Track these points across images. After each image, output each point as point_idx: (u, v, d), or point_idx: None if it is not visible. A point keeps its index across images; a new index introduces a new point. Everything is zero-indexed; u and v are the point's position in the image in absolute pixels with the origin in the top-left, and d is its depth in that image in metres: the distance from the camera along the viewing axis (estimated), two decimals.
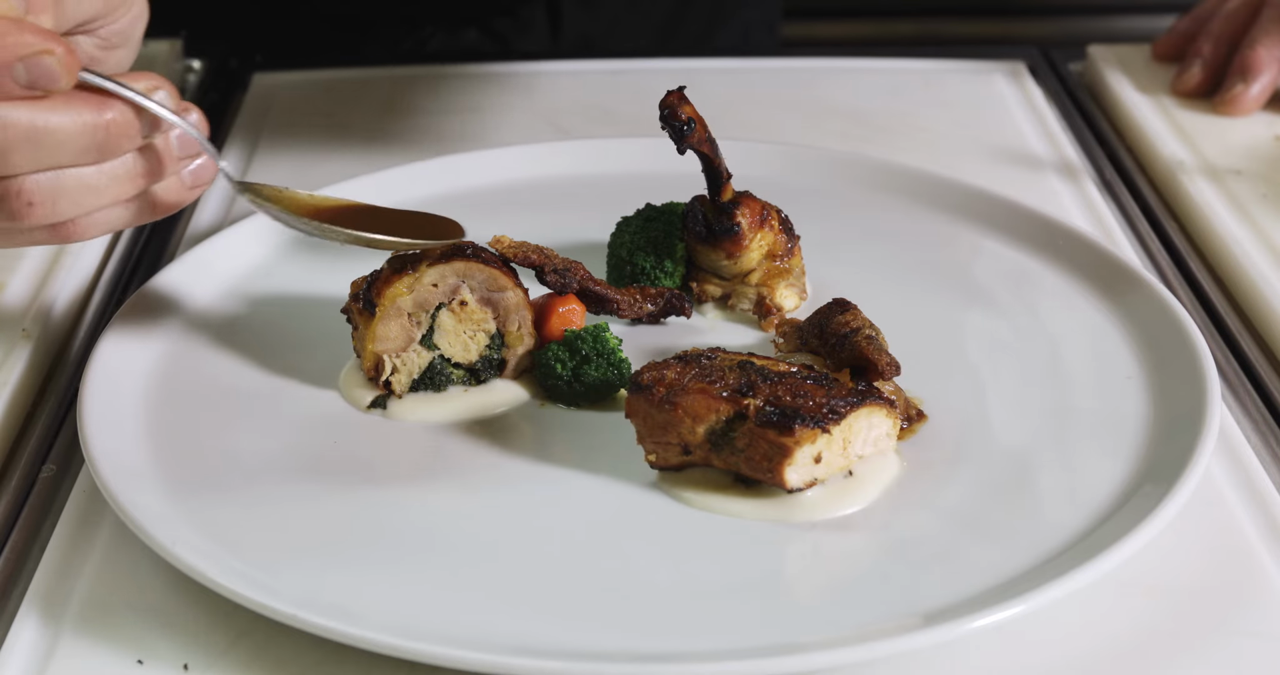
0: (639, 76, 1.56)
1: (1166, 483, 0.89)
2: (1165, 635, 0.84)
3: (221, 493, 0.93)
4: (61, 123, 0.84)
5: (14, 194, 0.86)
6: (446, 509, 0.93)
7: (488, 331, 1.04)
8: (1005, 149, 1.43)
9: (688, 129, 1.06)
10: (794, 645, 0.80)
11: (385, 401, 1.02)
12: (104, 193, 0.89)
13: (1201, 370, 0.99)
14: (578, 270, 1.07)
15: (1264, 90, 1.43)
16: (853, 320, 1.00)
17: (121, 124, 0.87)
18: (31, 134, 0.84)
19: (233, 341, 1.08)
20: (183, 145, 0.92)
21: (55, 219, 0.89)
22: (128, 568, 0.89)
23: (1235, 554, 0.90)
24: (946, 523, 0.91)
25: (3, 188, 0.86)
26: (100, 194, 0.89)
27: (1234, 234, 1.23)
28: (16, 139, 0.83)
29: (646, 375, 0.93)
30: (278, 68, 1.61)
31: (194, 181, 0.95)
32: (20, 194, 0.86)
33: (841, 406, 0.90)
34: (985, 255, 1.20)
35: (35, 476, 1.00)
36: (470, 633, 0.81)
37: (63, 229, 0.91)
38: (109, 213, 0.92)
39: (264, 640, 0.83)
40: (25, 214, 0.87)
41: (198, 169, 0.95)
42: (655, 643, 0.82)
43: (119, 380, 1.01)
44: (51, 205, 0.88)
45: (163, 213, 0.95)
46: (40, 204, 0.87)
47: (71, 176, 0.88)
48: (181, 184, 0.95)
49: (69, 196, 0.88)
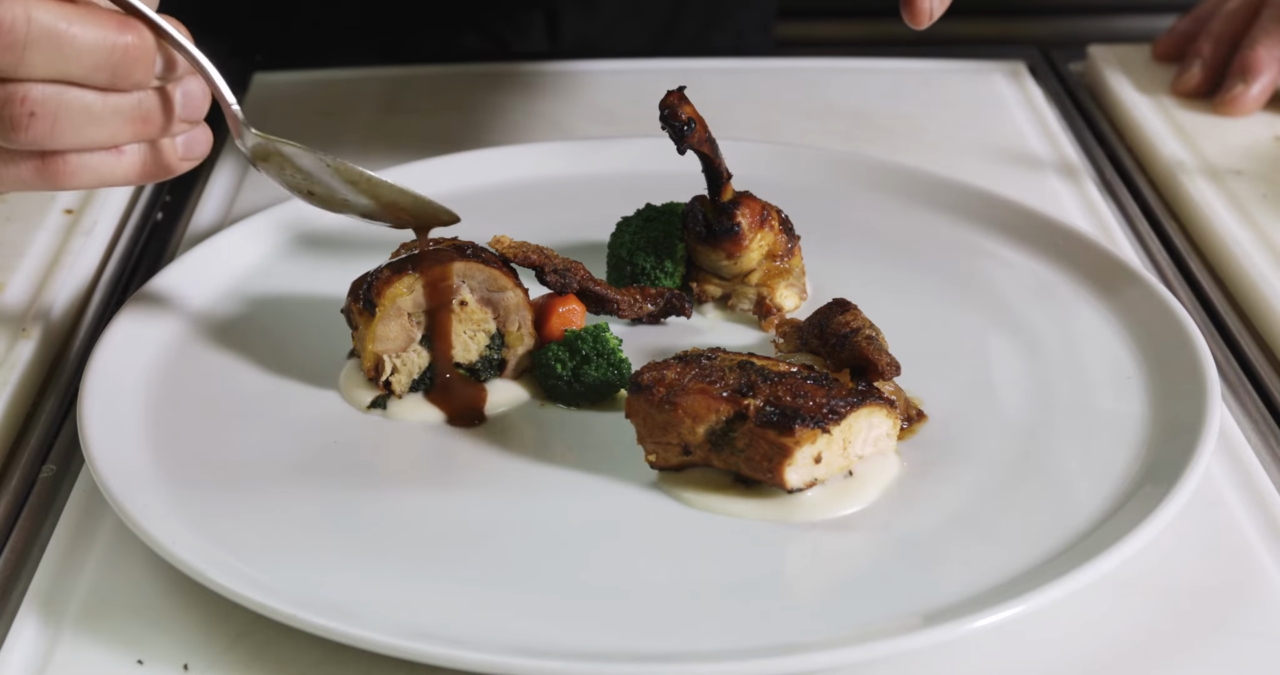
0: (638, 77, 1.56)
1: (1166, 483, 0.89)
2: (1165, 635, 0.84)
3: (221, 493, 0.93)
4: (84, 32, 0.82)
5: (18, 99, 0.83)
6: (446, 509, 0.93)
7: (488, 331, 1.04)
8: (1005, 149, 1.43)
9: (688, 129, 1.06)
10: (794, 645, 0.80)
11: (385, 401, 1.02)
12: (104, 125, 0.86)
13: (1201, 370, 0.99)
14: (578, 270, 1.07)
15: (1264, 90, 1.43)
16: (853, 320, 1.00)
17: (139, 49, 0.85)
18: (54, 35, 0.81)
19: (233, 341, 1.08)
20: (187, 104, 0.91)
21: (51, 142, 0.86)
22: (128, 568, 0.89)
23: (1235, 554, 0.90)
24: (946, 523, 0.91)
25: (8, 91, 0.83)
26: (100, 125, 0.86)
27: (1234, 234, 1.23)
28: (39, 37, 0.81)
29: (646, 375, 0.93)
30: (278, 68, 1.61)
31: (186, 152, 0.93)
32: (25, 101, 0.83)
33: (841, 406, 0.90)
34: (985, 255, 1.20)
35: (35, 476, 1.00)
36: (470, 633, 0.81)
37: (52, 164, 0.88)
38: (101, 158, 0.89)
39: (264, 640, 0.83)
40: (25, 124, 0.84)
41: (191, 140, 0.93)
42: (655, 643, 0.82)
43: (119, 380, 1.01)
44: (51, 122, 0.84)
45: (152, 177, 0.92)
46: (41, 116, 0.84)
47: (75, 96, 0.85)
48: (175, 151, 0.92)
49: (69, 117, 0.85)
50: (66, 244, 1.23)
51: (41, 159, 0.87)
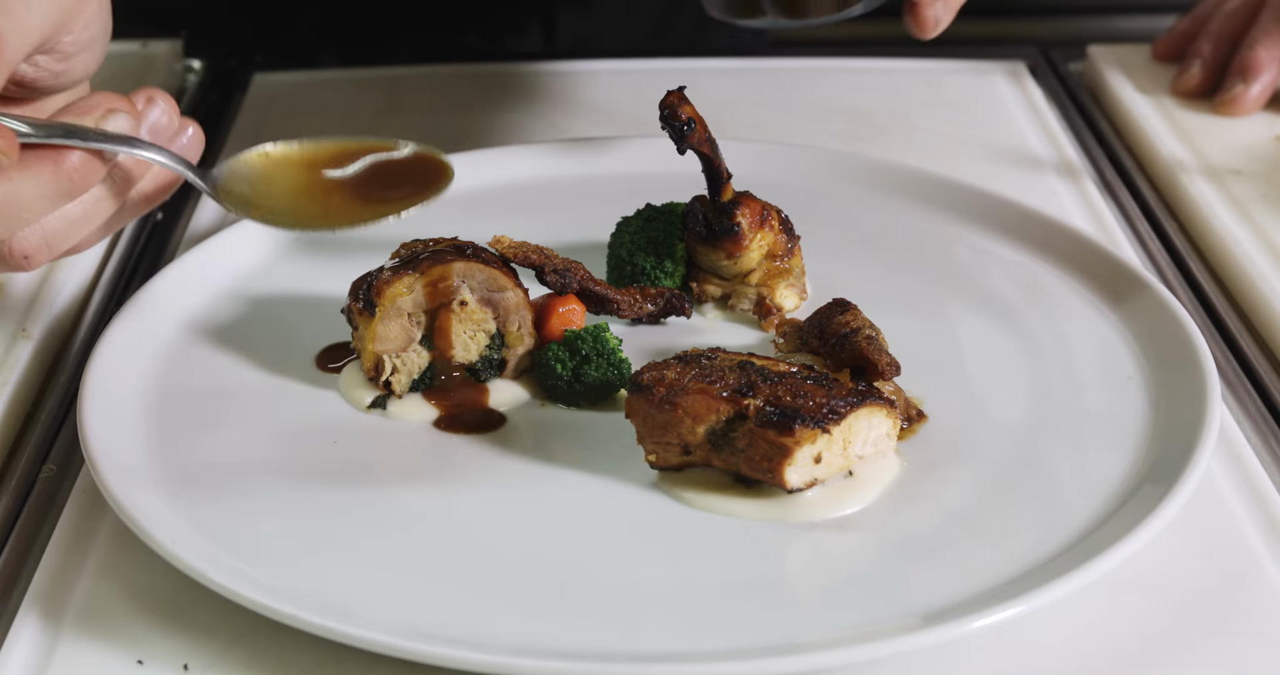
0: (638, 76, 1.56)
1: (1166, 483, 0.89)
2: (1165, 635, 0.84)
3: (221, 493, 0.93)
4: (25, 188, 0.85)
5: (6, 254, 0.89)
6: (446, 509, 0.93)
7: (488, 331, 1.04)
8: (1005, 149, 1.43)
9: (688, 129, 1.06)
10: (794, 645, 0.80)
11: (385, 401, 1.02)
12: (92, 218, 0.91)
13: (1201, 370, 0.99)
14: (578, 270, 1.07)
15: (1264, 90, 1.43)
16: (853, 320, 1.00)
17: (84, 165, 0.87)
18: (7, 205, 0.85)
19: (233, 341, 1.08)
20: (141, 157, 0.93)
21: (54, 257, 0.91)
22: (128, 568, 0.89)
23: (1235, 554, 0.90)
24: (946, 523, 0.91)
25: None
26: (89, 220, 0.91)
27: (1234, 234, 1.23)
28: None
29: (646, 375, 0.93)
30: (278, 68, 1.61)
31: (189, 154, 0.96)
32: (13, 253, 0.89)
33: (841, 406, 0.90)
34: (985, 255, 1.20)
35: (35, 476, 1.00)
36: (470, 633, 0.81)
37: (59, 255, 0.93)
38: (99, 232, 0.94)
39: (264, 640, 0.83)
40: (26, 265, 0.90)
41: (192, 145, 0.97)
42: (655, 643, 0.82)
43: (119, 380, 1.01)
44: (47, 250, 0.90)
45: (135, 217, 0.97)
46: (36, 252, 0.90)
47: (56, 219, 0.89)
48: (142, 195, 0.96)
49: (59, 236, 0.90)
50: None
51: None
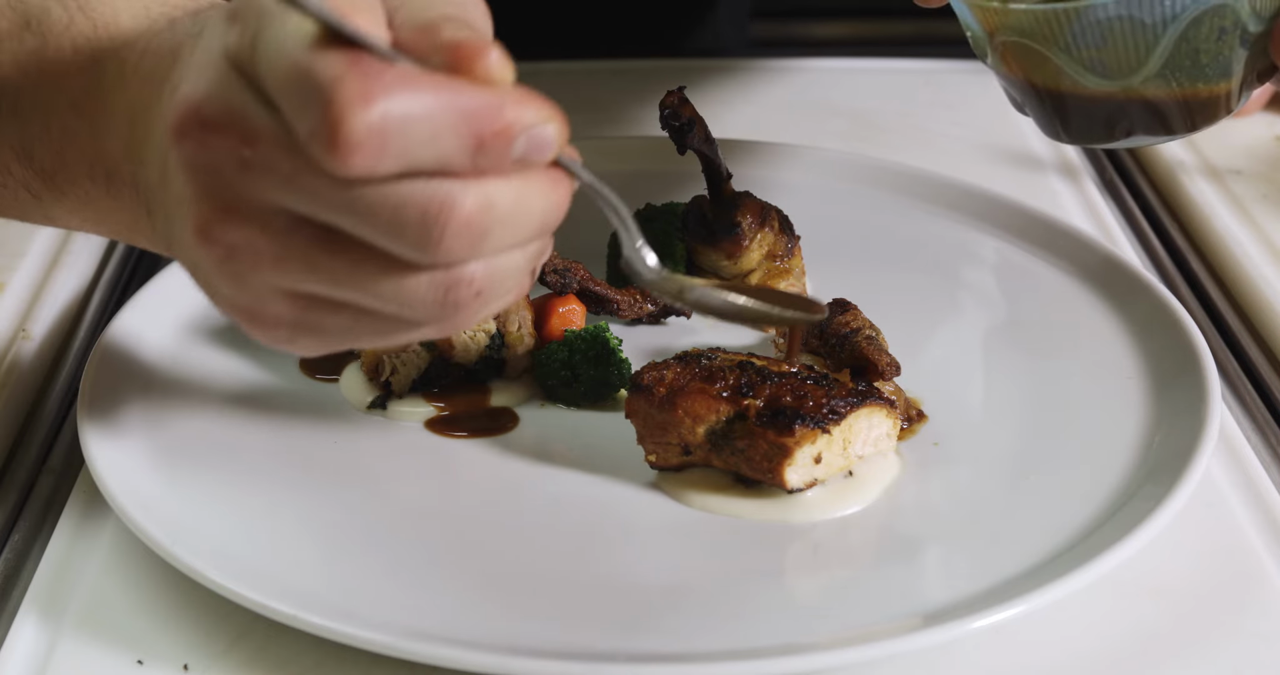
0: (638, 76, 1.56)
1: (1166, 483, 0.89)
2: (1165, 635, 0.84)
3: (222, 493, 0.93)
4: (534, 204, 0.71)
5: (465, 282, 0.71)
6: (446, 509, 0.93)
7: (488, 331, 1.04)
8: (1005, 149, 1.43)
9: (688, 129, 1.06)
10: (794, 645, 0.80)
11: (385, 401, 1.02)
12: (524, 276, 0.75)
13: (1201, 370, 0.99)
14: (578, 270, 1.07)
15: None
16: (853, 320, 1.00)
17: (566, 203, 0.74)
18: (511, 216, 0.70)
19: (233, 341, 1.08)
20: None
21: (490, 310, 0.74)
22: (128, 568, 0.89)
23: (1235, 554, 0.90)
24: (946, 523, 0.91)
25: (453, 276, 0.71)
26: (522, 278, 0.75)
27: (1234, 234, 1.23)
28: (497, 222, 0.69)
29: (646, 375, 0.93)
30: None
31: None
32: (472, 282, 0.71)
33: (841, 406, 0.90)
34: (985, 255, 1.20)
35: (35, 476, 1.00)
36: (470, 633, 0.81)
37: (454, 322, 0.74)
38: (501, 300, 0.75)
39: (264, 640, 0.83)
40: (469, 304, 0.72)
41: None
42: (655, 643, 0.82)
43: (119, 380, 1.01)
44: (494, 294, 0.73)
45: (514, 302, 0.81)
46: (485, 292, 0.72)
47: (507, 261, 0.72)
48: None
49: (502, 284, 0.73)
50: (66, 244, 1.23)
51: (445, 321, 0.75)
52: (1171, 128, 0.96)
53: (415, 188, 0.67)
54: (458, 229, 0.68)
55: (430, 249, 0.68)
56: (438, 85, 0.66)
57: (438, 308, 0.72)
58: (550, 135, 0.71)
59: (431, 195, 0.67)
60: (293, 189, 0.68)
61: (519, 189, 0.70)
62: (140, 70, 0.79)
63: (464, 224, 0.68)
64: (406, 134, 0.66)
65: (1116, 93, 0.93)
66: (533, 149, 0.70)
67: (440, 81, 0.67)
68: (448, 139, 0.67)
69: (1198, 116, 0.95)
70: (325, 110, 0.64)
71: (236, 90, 0.69)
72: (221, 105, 0.69)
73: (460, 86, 0.67)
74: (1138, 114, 0.95)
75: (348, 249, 0.69)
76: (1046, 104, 0.97)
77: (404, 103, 0.65)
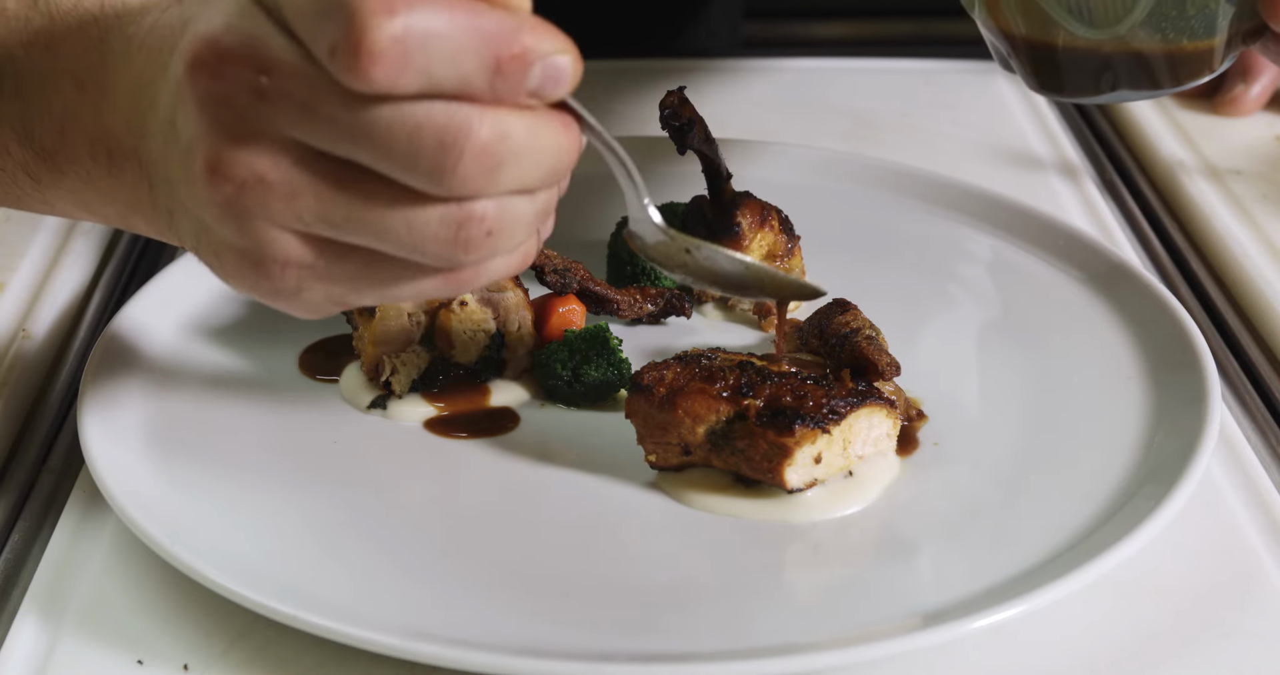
0: (637, 76, 1.56)
1: (1166, 483, 0.89)
2: (1165, 635, 0.84)
3: (221, 493, 0.93)
4: (546, 143, 0.71)
5: (476, 220, 0.71)
6: (446, 509, 0.93)
7: (488, 331, 1.04)
8: (1005, 149, 1.43)
9: (688, 129, 1.06)
10: (794, 645, 0.80)
11: (385, 401, 1.02)
12: (530, 226, 0.74)
13: (1201, 370, 0.99)
14: (578, 270, 1.07)
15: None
16: (853, 320, 1.00)
17: (577, 148, 0.73)
18: (525, 151, 0.70)
19: (233, 342, 1.08)
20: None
21: (497, 254, 0.74)
22: (128, 568, 0.89)
23: (1235, 554, 0.90)
24: (946, 523, 0.91)
25: (465, 211, 0.71)
26: (528, 228, 0.74)
27: (1234, 234, 1.23)
28: (511, 154, 0.70)
29: (646, 375, 0.93)
30: None
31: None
32: (483, 220, 0.71)
33: (841, 406, 0.90)
34: (985, 255, 1.20)
35: (35, 476, 1.00)
36: (470, 632, 0.81)
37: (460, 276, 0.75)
38: (500, 262, 0.76)
39: (264, 640, 0.83)
40: (480, 244, 0.72)
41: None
42: (655, 643, 0.82)
43: (119, 380, 1.01)
44: (504, 236, 0.72)
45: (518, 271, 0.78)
46: (495, 233, 0.72)
47: (516, 205, 0.72)
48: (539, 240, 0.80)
49: (510, 230, 0.73)
50: (66, 244, 1.23)
51: (452, 272, 0.75)
52: (1157, 81, 0.97)
53: (433, 110, 0.68)
54: (473, 155, 0.68)
55: (445, 177, 0.69)
56: (458, 4, 0.67)
57: (449, 246, 0.72)
58: (565, 66, 0.71)
59: (449, 119, 0.68)
60: (308, 116, 0.68)
61: (532, 124, 0.71)
62: (146, 45, 0.79)
63: (479, 151, 0.69)
64: (427, 50, 0.66)
65: (1103, 43, 0.95)
66: (547, 80, 0.70)
67: (461, 1, 0.67)
68: (467, 58, 0.67)
69: (1182, 71, 0.96)
70: (349, 22, 0.65)
71: (255, 21, 0.69)
72: (239, 35, 0.69)
73: (480, 8, 0.68)
74: (1123, 66, 0.96)
75: (360, 182, 0.70)
76: (1033, 56, 0.98)
77: (425, 18, 0.66)
